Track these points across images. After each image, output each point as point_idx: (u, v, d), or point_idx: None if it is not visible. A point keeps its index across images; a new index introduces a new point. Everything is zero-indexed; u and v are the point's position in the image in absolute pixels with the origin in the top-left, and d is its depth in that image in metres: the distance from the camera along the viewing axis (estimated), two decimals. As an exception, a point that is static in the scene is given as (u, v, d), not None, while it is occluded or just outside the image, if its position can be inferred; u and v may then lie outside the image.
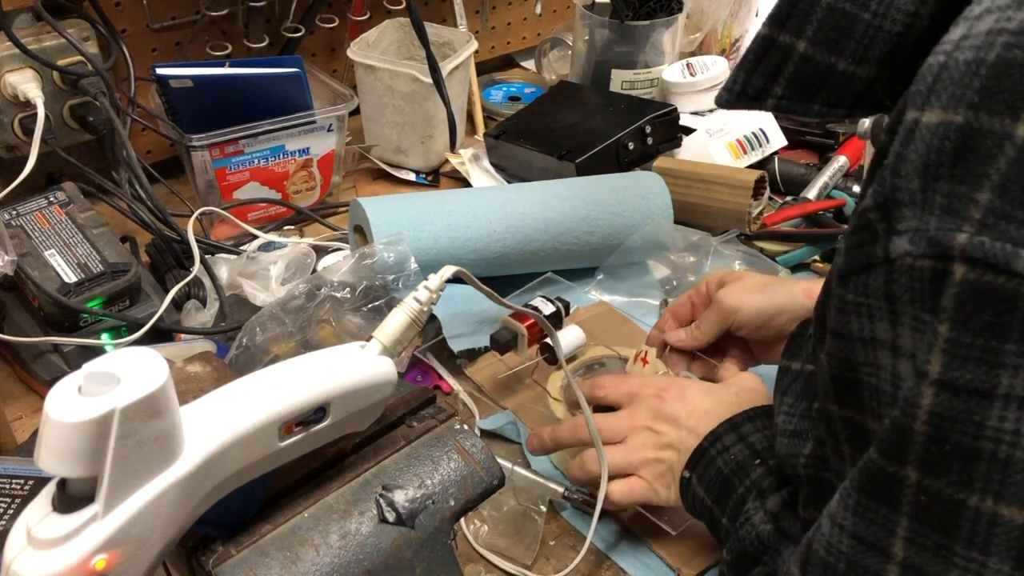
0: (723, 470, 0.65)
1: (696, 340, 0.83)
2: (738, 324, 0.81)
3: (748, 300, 0.81)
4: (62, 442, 0.38)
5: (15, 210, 0.91)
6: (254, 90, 1.06)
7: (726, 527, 0.64)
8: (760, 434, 0.66)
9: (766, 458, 0.63)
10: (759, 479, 0.63)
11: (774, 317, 0.80)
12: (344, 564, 0.48)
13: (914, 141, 0.40)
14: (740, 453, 0.65)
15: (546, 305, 0.86)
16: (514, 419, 0.84)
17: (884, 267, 0.42)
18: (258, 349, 0.83)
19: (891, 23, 0.48)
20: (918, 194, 0.40)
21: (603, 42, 1.29)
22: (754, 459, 0.64)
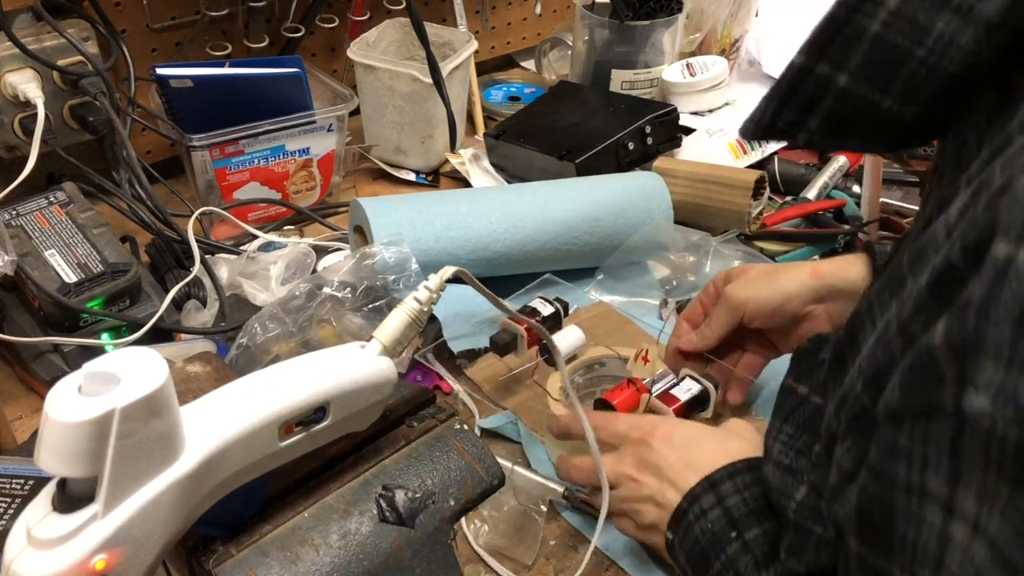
0: (700, 540, 0.62)
1: (707, 340, 0.82)
2: (749, 317, 0.79)
3: (755, 291, 0.79)
4: (62, 442, 0.38)
5: (15, 210, 0.91)
6: (254, 90, 1.06)
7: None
8: (739, 496, 0.62)
9: (742, 530, 0.60)
10: (735, 556, 0.60)
11: (784, 304, 0.78)
12: (344, 564, 0.48)
13: (1008, 282, 0.34)
14: (717, 521, 0.62)
15: (545, 306, 0.86)
16: (514, 419, 0.84)
17: (952, 420, 0.37)
18: (258, 349, 0.83)
19: (948, 63, 0.42)
20: (1007, 346, 0.34)
21: (603, 42, 1.29)
22: (730, 531, 0.61)
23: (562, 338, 0.84)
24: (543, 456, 0.82)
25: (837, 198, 1.15)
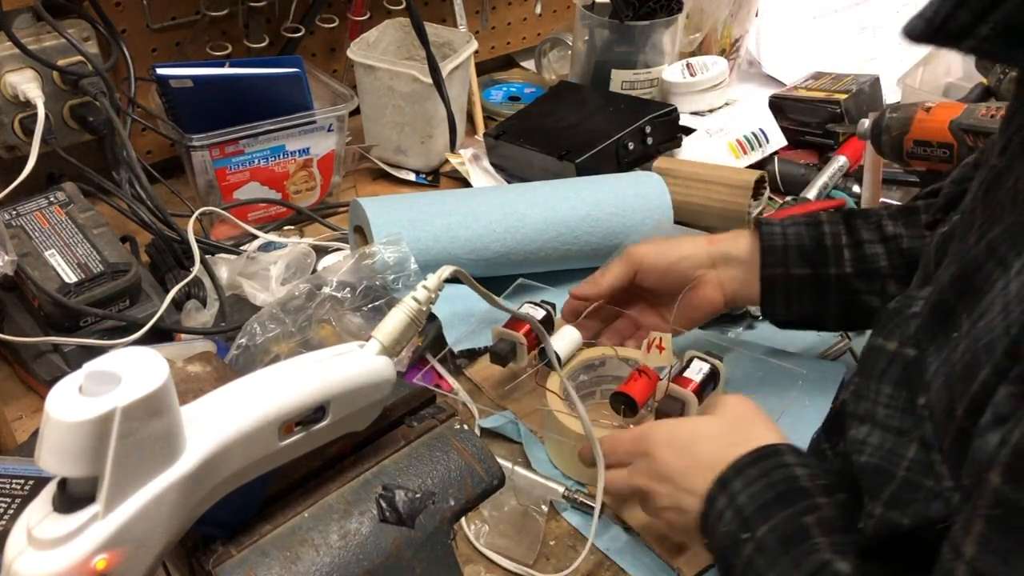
0: (723, 544, 0.62)
1: (598, 287, 0.83)
2: (644, 271, 0.82)
3: (653, 247, 0.84)
4: (63, 441, 0.38)
5: (15, 210, 0.91)
6: (254, 90, 1.06)
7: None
8: (747, 492, 0.62)
9: (754, 528, 0.60)
10: (751, 558, 0.60)
11: (678, 262, 0.82)
12: (344, 564, 0.48)
13: None
14: (731, 522, 0.62)
15: (536, 310, 0.85)
16: (514, 419, 0.84)
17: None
18: (258, 349, 0.83)
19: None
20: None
21: (603, 42, 1.29)
22: (743, 531, 0.61)
23: (559, 340, 0.84)
24: (543, 456, 0.82)
25: (837, 198, 1.15)
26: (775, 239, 0.82)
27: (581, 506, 0.76)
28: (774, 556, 0.58)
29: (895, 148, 1.01)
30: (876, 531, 0.54)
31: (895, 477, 0.54)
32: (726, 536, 0.62)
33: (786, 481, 0.61)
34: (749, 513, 0.61)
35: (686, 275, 0.83)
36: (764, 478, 0.62)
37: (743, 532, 0.60)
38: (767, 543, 0.59)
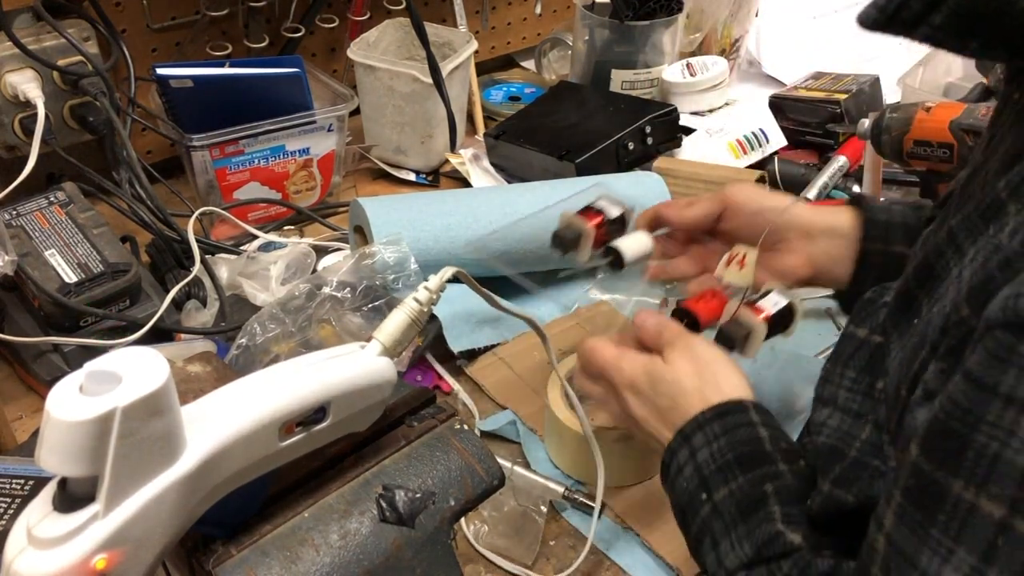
0: (681, 499, 0.62)
1: (681, 215, 0.80)
2: (733, 207, 0.78)
3: (748, 188, 0.80)
4: (63, 441, 0.38)
5: (15, 210, 0.91)
6: (254, 90, 1.06)
7: None
8: (708, 449, 0.61)
9: (712, 490, 0.60)
10: (708, 520, 0.60)
11: (770, 211, 0.77)
12: (344, 564, 0.48)
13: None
14: (691, 479, 0.62)
15: (611, 208, 0.78)
16: (514, 419, 0.84)
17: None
18: (258, 349, 0.83)
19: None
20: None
21: (603, 42, 1.29)
22: (701, 491, 0.61)
23: (630, 242, 0.78)
24: (543, 456, 0.82)
25: (837, 198, 1.15)
26: (879, 214, 0.77)
27: (581, 506, 0.76)
28: (730, 522, 0.58)
29: (895, 148, 1.01)
30: (822, 508, 0.55)
31: (847, 457, 0.56)
32: (684, 493, 0.62)
33: (749, 442, 0.60)
34: (708, 472, 0.61)
35: (775, 228, 0.77)
36: (727, 436, 0.61)
37: (702, 492, 0.60)
38: (724, 508, 0.59)
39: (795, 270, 0.78)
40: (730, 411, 0.62)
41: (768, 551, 0.55)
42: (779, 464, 0.59)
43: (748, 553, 0.56)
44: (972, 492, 0.41)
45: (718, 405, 0.63)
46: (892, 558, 0.45)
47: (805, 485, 0.58)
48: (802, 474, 0.59)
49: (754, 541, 0.56)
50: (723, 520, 0.58)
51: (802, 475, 0.59)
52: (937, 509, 0.42)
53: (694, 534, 0.61)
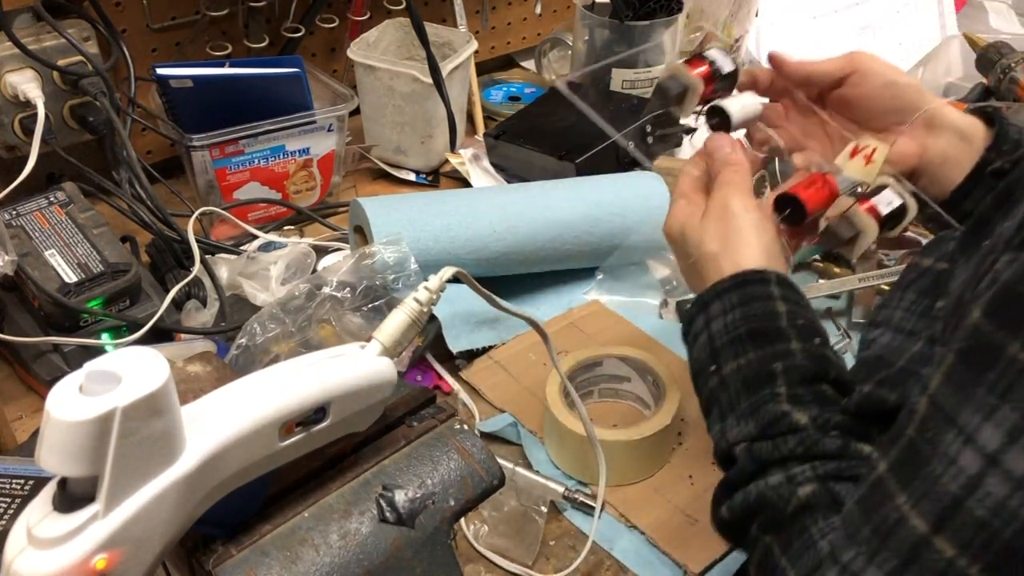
0: (694, 366, 0.62)
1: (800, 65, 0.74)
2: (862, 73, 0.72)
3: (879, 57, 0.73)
4: (63, 441, 0.38)
5: (15, 210, 0.91)
6: (254, 90, 1.06)
7: None
8: (723, 320, 0.60)
9: (721, 363, 0.59)
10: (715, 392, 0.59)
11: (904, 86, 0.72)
12: (344, 564, 0.48)
13: None
14: (703, 349, 0.61)
15: (725, 61, 0.72)
16: (513, 421, 0.84)
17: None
18: (258, 349, 0.83)
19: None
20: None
21: (603, 42, 1.29)
22: (711, 362, 0.60)
23: (737, 102, 0.74)
24: (543, 457, 0.82)
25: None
26: (1012, 132, 0.71)
27: (582, 506, 0.76)
28: (735, 397, 0.58)
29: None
30: (859, 406, 0.54)
31: (893, 366, 0.55)
32: (697, 361, 0.62)
33: (765, 317, 0.59)
34: (720, 345, 0.60)
35: (903, 105, 0.71)
36: (743, 307, 0.60)
37: (711, 364, 0.60)
38: (731, 382, 0.59)
39: (905, 157, 0.71)
40: (750, 281, 0.61)
41: (773, 429, 0.55)
42: (792, 342, 0.58)
43: (752, 430, 0.56)
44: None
45: (739, 274, 0.61)
46: (931, 417, 0.44)
47: (816, 366, 0.57)
48: (815, 354, 0.58)
49: (759, 419, 0.56)
50: (729, 394, 0.58)
51: (815, 355, 0.58)
52: (988, 368, 0.42)
53: (703, 403, 0.61)
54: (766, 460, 0.55)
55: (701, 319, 0.62)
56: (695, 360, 0.62)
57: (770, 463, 0.55)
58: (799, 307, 0.60)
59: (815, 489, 0.52)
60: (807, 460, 0.54)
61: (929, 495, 0.43)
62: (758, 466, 0.55)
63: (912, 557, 0.43)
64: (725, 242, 0.63)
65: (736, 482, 0.57)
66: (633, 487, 0.79)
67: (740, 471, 0.56)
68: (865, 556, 0.45)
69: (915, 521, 0.43)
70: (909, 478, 0.44)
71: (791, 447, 0.54)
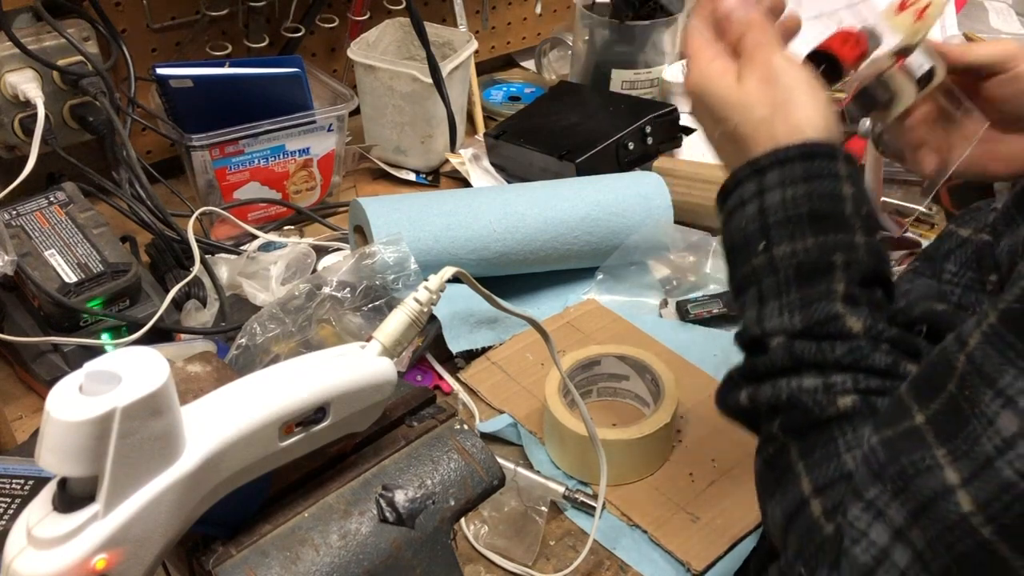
0: (734, 236, 0.56)
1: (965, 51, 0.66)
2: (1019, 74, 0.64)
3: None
4: (63, 441, 0.38)
5: (15, 210, 0.91)
6: (254, 90, 1.06)
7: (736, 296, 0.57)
8: (780, 192, 0.54)
9: (773, 242, 0.53)
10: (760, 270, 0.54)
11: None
12: (344, 564, 0.48)
13: None
14: (752, 221, 0.54)
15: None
16: (514, 422, 0.84)
17: None
18: (258, 349, 0.83)
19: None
20: None
21: (603, 42, 1.29)
22: (760, 238, 0.54)
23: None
24: (544, 457, 0.82)
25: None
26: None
27: (582, 506, 0.76)
28: (784, 284, 0.53)
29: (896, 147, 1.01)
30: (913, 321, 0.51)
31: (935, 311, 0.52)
32: (739, 232, 0.56)
33: (830, 199, 0.53)
34: (774, 221, 0.54)
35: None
36: (806, 183, 0.54)
37: (760, 240, 0.54)
38: (782, 267, 0.53)
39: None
40: (818, 154, 0.54)
41: (821, 330, 0.51)
42: (856, 234, 0.53)
43: (796, 325, 0.52)
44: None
45: (806, 144, 0.55)
46: (970, 375, 0.43)
47: (876, 265, 0.53)
48: (877, 250, 0.53)
49: (808, 315, 0.51)
50: (777, 279, 0.53)
51: (877, 251, 0.53)
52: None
53: (737, 278, 0.56)
54: (806, 361, 0.51)
55: (753, 185, 0.55)
56: (736, 231, 0.55)
57: (809, 364, 0.51)
58: (863, 191, 0.55)
59: (856, 401, 0.49)
60: (852, 371, 0.50)
61: (969, 455, 0.42)
62: (795, 364, 0.51)
63: (932, 501, 0.42)
64: (777, 106, 0.56)
65: (763, 373, 0.53)
66: (633, 486, 0.79)
67: (770, 363, 0.52)
68: (890, 493, 0.44)
69: (950, 473, 0.42)
70: (951, 435, 0.43)
71: (838, 354, 0.50)
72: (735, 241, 0.56)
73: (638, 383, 0.86)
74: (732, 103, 0.58)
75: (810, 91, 0.57)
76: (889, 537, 0.44)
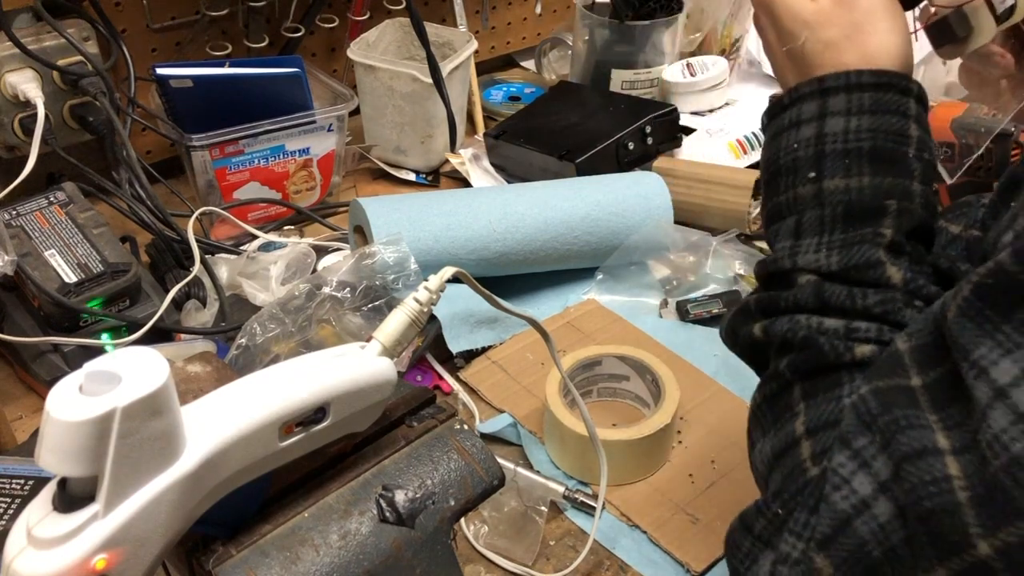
0: (779, 157, 0.52)
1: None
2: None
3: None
4: (63, 441, 0.38)
5: (15, 210, 0.91)
6: (254, 90, 1.06)
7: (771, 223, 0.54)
8: (844, 120, 0.50)
9: (824, 174, 0.50)
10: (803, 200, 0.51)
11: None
12: (344, 564, 0.48)
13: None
14: (805, 145, 0.51)
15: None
16: (513, 422, 0.84)
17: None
18: (258, 349, 0.83)
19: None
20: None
21: (603, 42, 1.29)
22: (810, 168, 0.51)
23: None
24: (544, 457, 0.82)
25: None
26: None
27: (582, 506, 0.76)
28: (830, 221, 0.50)
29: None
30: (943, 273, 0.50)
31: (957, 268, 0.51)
32: (788, 153, 0.52)
33: (896, 137, 0.51)
34: (831, 150, 0.51)
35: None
36: (874, 116, 0.51)
37: (810, 169, 0.51)
38: (830, 201, 0.50)
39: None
40: (893, 85, 0.51)
41: (858, 275, 0.49)
42: (915, 181, 0.50)
43: (834, 265, 0.50)
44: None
45: (882, 71, 0.51)
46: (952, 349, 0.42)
47: (927, 217, 0.51)
48: (931, 202, 0.51)
49: (848, 257, 0.49)
50: (822, 213, 0.50)
51: (931, 203, 0.51)
52: (1018, 307, 0.40)
53: (775, 204, 0.53)
54: (834, 305, 0.49)
55: (814, 106, 0.52)
56: (786, 152, 0.52)
57: (836, 308, 0.49)
58: (928, 136, 0.52)
59: (874, 351, 0.48)
60: (879, 321, 0.48)
61: (962, 426, 0.41)
62: (819, 304, 0.49)
63: (918, 455, 0.42)
64: (853, 29, 0.52)
65: (782, 307, 0.51)
66: (633, 486, 0.79)
67: (794, 299, 0.50)
68: (878, 445, 0.44)
69: (940, 438, 0.42)
70: (944, 404, 0.43)
71: (870, 303, 0.48)
72: (781, 163, 0.53)
73: (638, 383, 0.86)
74: (804, 19, 0.54)
75: (890, 17, 0.53)
76: (872, 488, 0.43)
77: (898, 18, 0.54)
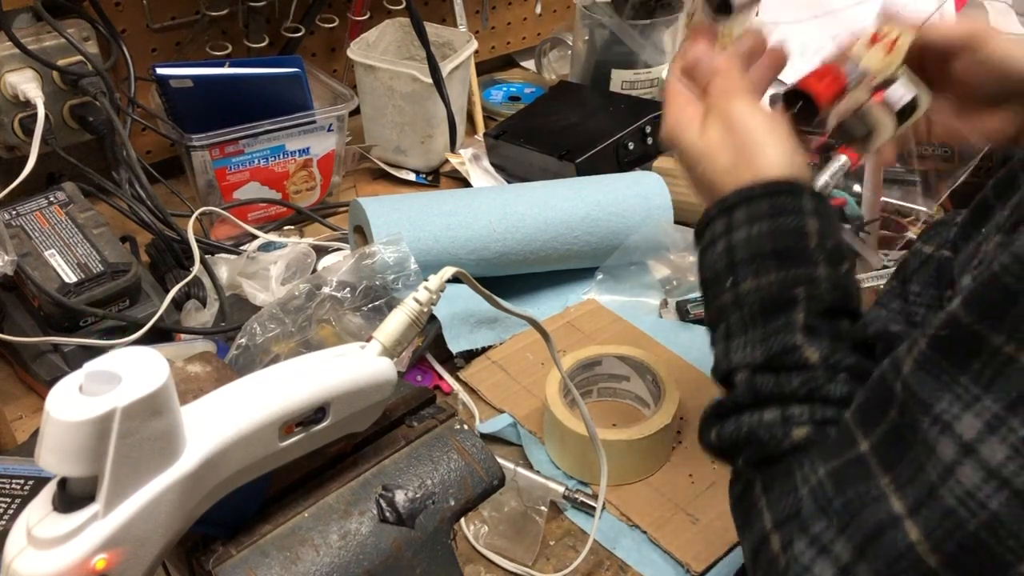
0: (706, 273, 0.58)
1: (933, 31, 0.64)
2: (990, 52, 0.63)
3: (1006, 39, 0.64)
4: (63, 441, 0.38)
5: (15, 210, 0.91)
6: (254, 90, 1.06)
7: None
8: (747, 230, 0.55)
9: (739, 279, 0.55)
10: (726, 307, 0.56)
11: None
12: (344, 564, 0.48)
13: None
14: (721, 258, 0.56)
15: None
16: (513, 422, 0.84)
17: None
18: (258, 349, 0.83)
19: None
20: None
21: (603, 42, 1.29)
22: (727, 275, 0.56)
23: None
24: (544, 457, 0.82)
25: (838, 197, 1.14)
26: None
27: (582, 506, 0.76)
28: (749, 319, 0.55)
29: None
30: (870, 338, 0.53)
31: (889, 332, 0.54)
32: (711, 269, 0.58)
33: (794, 234, 0.55)
34: (740, 258, 0.56)
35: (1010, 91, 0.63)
36: (771, 220, 0.55)
37: (728, 277, 0.56)
38: (746, 302, 0.55)
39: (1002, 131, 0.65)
40: (783, 191, 0.56)
41: (779, 362, 0.52)
42: (819, 267, 0.54)
43: (758, 358, 0.53)
44: (1013, 347, 0.40)
45: (770, 183, 0.56)
46: (908, 403, 0.43)
47: (840, 296, 0.54)
48: (840, 283, 0.54)
49: (768, 347, 0.53)
50: (742, 314, 0.55)
51: (840, 284, 0.54)
52: (972, 358, 0.41)
53: (710, 314, 0.58)
54: (765, 395, 0.52)
55: (721, 223, 0.57)
56: (708, 267, 0.58)
57: (769, 398, 0.52)
58: (830, 225, 0.56)
59: (810, 432, 0.50)
60: (808, 402, 0.51)
61: (914, 481, 0.42)
62: (755, 399, 0.53)
63: (878, 533, 0.43)
64: (739, 153, 0.58)
65: (730, 409, 0.54)
66: (633, 486, 0.79)
67: (736, 400, 0.54)
68: (835, 529, 0.45)
69: (894, 502, 0.43)
70: (894, 461, 0.44)
71: (794, 386, 0.51)
72: (707, 278, 0.58)
73: (638, 383, 0.86)
74: (698, 152, 0.60)
75: (770, 134, 0.59)
76: (833, 573, 0.44)
77: (778, 132, 0.59)
